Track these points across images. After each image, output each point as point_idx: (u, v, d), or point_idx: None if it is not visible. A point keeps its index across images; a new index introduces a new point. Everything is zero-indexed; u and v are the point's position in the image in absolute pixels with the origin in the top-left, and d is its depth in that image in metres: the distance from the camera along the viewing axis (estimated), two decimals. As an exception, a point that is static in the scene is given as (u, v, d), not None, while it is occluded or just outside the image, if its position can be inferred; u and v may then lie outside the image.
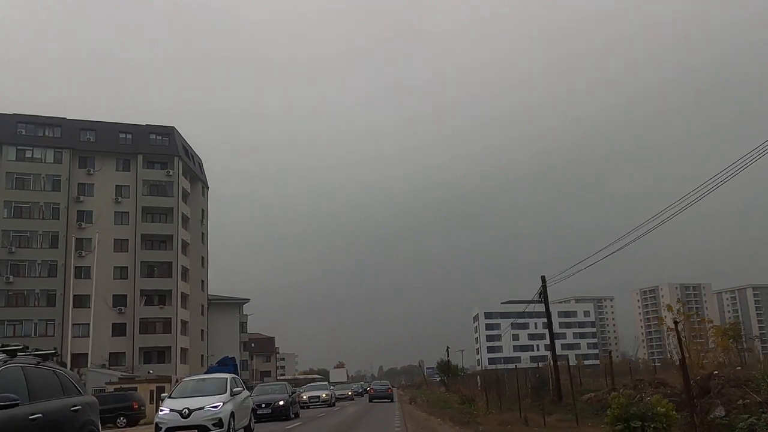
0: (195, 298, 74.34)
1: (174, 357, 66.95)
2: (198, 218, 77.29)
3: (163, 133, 72.09)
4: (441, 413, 26.56)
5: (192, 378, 18.54)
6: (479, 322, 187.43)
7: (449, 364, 74.61)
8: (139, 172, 69.49)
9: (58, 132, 67.72)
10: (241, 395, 16.83)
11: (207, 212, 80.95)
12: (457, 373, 72.66)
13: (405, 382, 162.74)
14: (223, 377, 17.02)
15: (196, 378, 18.33)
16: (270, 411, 25.65)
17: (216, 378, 17.30)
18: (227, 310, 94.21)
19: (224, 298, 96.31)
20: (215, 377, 17.57)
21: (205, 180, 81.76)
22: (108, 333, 65.22)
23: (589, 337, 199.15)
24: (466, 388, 56.72)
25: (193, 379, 18.13)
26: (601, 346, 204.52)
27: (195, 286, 74.55)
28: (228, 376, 16.96)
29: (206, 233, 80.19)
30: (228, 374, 17.70)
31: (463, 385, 61.53)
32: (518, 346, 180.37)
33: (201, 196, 79.25)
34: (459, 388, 62.53)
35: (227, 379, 16.49)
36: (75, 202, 66.55)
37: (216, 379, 17.18)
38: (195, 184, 77.04)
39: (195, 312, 74.22)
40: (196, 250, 75.52)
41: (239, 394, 16.67)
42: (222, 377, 17.06)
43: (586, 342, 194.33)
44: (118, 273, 67.13)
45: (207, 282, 79.67)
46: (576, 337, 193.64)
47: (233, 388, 16.20)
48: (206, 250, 79.93)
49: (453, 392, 63.06)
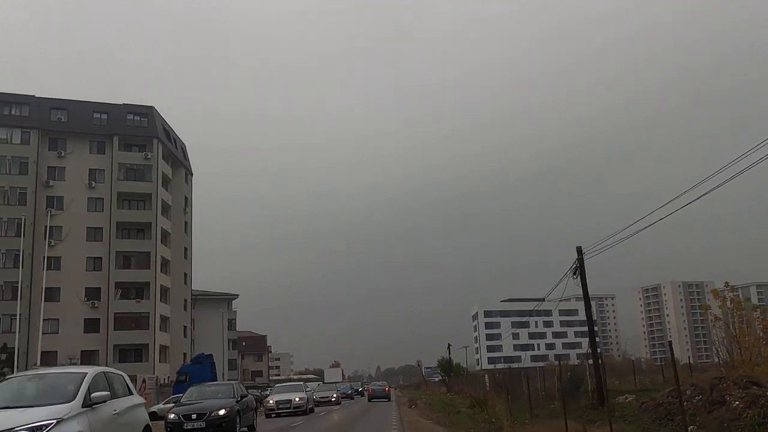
0: (177, 292, 68.87)
1: (152, 355, 61.51)
2: (180, 206, 71.81)
3: (142, 113, 66.60)
4: (452, 423, 21.26)
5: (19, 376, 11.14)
6: (479, 321, 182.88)
7: (451, 362, 69.09)
8: (115, 154, 64.00)
9: (26, 111, 62.25)
10: (104, 407, 9.81)
11: (191, 200, 75.47)
12: (459, 372, 67.23)
13: (403, 382, 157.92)
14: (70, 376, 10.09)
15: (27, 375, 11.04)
16: (203, 425, 17.35)
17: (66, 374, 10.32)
18: (214, 307, 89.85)
19: (211, 293, 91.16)
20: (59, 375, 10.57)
21: (189, 166, 76.27)
22: (80, 329, 59.82)
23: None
24: (470, 388, 51.67)
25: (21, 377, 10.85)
26: (602, 345, 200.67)
27: (177, 279, 69.08)
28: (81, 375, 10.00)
29: (190, 222, 74.71)
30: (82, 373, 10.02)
31: (467, 386, 56.24)
32: (519, 345, 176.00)
33: (184, 183, 73.78)
34: (463, 388, 57.18)
35: (84, 377, 9.75)
36: (44, 186, 61.07)
37: (66, 375, 10.28)
38: (177, 170, 71.57)
39: (177, 307, 68.72)
40: (178, 240, 70.05)
41: (103, 403, 9.67)
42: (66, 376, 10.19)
43: (588, 341, 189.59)
44: (91, 264, 61.66)
45: (191, 275, 74.21)
46: (577, 336, 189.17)
47: (92, 393, 9.51)
48: (190, 240, 74.48)
49: (456, 393, 57.86)
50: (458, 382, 62.90)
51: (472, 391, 44.75)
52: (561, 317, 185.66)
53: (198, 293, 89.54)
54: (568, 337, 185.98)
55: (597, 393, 20.13)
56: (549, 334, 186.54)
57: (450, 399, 46.74)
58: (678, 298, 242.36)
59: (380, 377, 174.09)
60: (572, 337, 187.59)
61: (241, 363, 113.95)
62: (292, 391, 32.30)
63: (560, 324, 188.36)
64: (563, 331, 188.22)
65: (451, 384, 64.37)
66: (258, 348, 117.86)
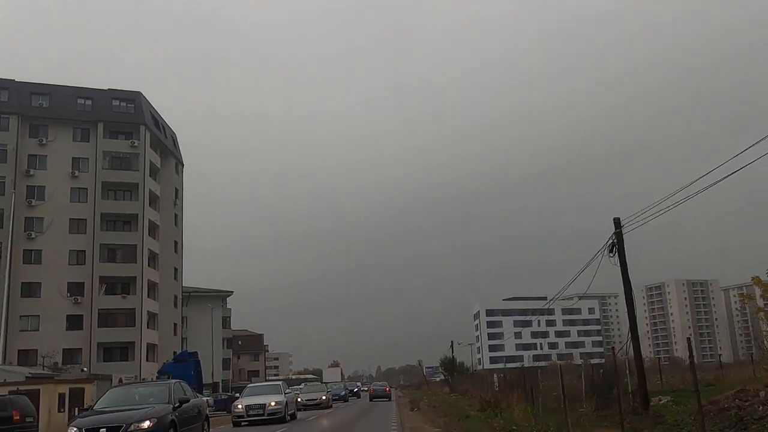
0: (166, 288, 65.38)
1: (139, 354, 58.07)
2: (170, 197, 68.36)
3: (128, 99, 63.12)
4: (464, 431, 17.82)
5: None
6: (480, 320, 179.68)
7: (454, 361, 65.52)
8: (100, 142, 60.55)
9: (5, 95, 58.73)
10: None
11: (182, 192, 71.99)
12: (463, 372, 63.73)
13: (404, 382, 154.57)
14: None
15: None
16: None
17: None
18: (208, 304, 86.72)
19: (204, 290, 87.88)
20: None
21: (180, 156, 72.80)
22: (62, 326, 56.37)
23: (593, 335, 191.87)
24: (475, 388, 48.36)
25: None
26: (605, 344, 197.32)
27: (166, 273, 65.61)
28: None
29: (181, 215, 71.21)
30: None
31: (472, 386, 52.88)
32: (521, 344, 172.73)
33: (174, 174, 70.32)
34: (467, 388, 53.77)
35: None
36: (24, 176, 57.61)
37: None
38: (166, 159, 68.12)
39: (166, 303, 65.27)
40: (167, 233, 66.58)
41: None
42: None
43: (591, 340, 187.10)
44: (74, 257, 58.18)
45: (182, 270, 70.71)
46: (581, 335, 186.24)
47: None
48: (180, 234, 70.99)
49: (460, 394, 54.48)
50: (462, 381, 59.51)
51: (479, 391, 41.48)
52: (564, 316, 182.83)
53: (190, 290, 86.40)
54: (570, 336, 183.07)
55: (640, 395, 16.70)
56: (552, 333, 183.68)
57: (455, 400, 43.34)
58: (682, 296, 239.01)
59: (381, 377, 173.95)
60: (575, 336, 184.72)
61: (237, 362, 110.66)
62: (267, 393, 26.18)
63: (563, 323, 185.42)
64: (566, 330, 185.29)
65: (454, 384, 60.99)
66: (254, 347, 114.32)
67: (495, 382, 38.92)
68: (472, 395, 44.75)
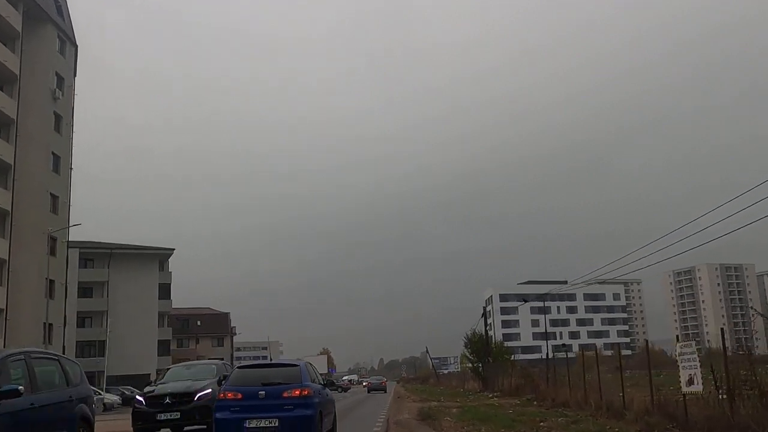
0: (31, 222, 41.30)
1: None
2: (47, 86, 44.05)
3: None
4: None
5: None
6: (492, 306, 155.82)
7: (489, 340, 39.33)
8: None
9: None
10: None
11: (73, 84, 47.80)
12: (501, 357, 38.76)
13: (406, 374, 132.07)
14: None
15: None
16: None
17: None
18: (143, 266, 64.79)
19: (131, 246, 64.58)
20: None
21: (70, 32, 48.51)
22: None
23: (619, 323, 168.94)
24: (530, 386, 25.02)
25: None
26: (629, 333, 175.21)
27: (31, 199, 41.53)
28: None
29: (70, 119, 46.91)
30: None
31: (528, 381, 29.28)
32: (538, 333, 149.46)
33: (57, 54, 45.95)
34: (518, 385, 30.03)
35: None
36: None
37: None
38: (40, 27, 44.00)
39: (31, 247, 41.21)
40: (36, 136, 42.35)
41: None
42: None
43: (616, 329, 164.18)
44: None
45: (69, 202, 46.31)
46: (605, 324, 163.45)
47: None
48: (69, 146, 46.61)
49: (498, 394, 30.93)
50: (497, 372, 35.52)
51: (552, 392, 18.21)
52: (586, 302, 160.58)
53: (113, 246, 63.70)
54: (594, 325, 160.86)
55: None
56: (573, 320, 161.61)
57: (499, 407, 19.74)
58: (715, 282, 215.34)
59: (383, 370, 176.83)
60: (598, 325, 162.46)
61: (196, 347, 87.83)
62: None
63: (585, 309, 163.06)
64: (589, 317, 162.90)
65: (488, 375, 36.82)
66: (217, 329, 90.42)
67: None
68: (541, 400, 21.79)
